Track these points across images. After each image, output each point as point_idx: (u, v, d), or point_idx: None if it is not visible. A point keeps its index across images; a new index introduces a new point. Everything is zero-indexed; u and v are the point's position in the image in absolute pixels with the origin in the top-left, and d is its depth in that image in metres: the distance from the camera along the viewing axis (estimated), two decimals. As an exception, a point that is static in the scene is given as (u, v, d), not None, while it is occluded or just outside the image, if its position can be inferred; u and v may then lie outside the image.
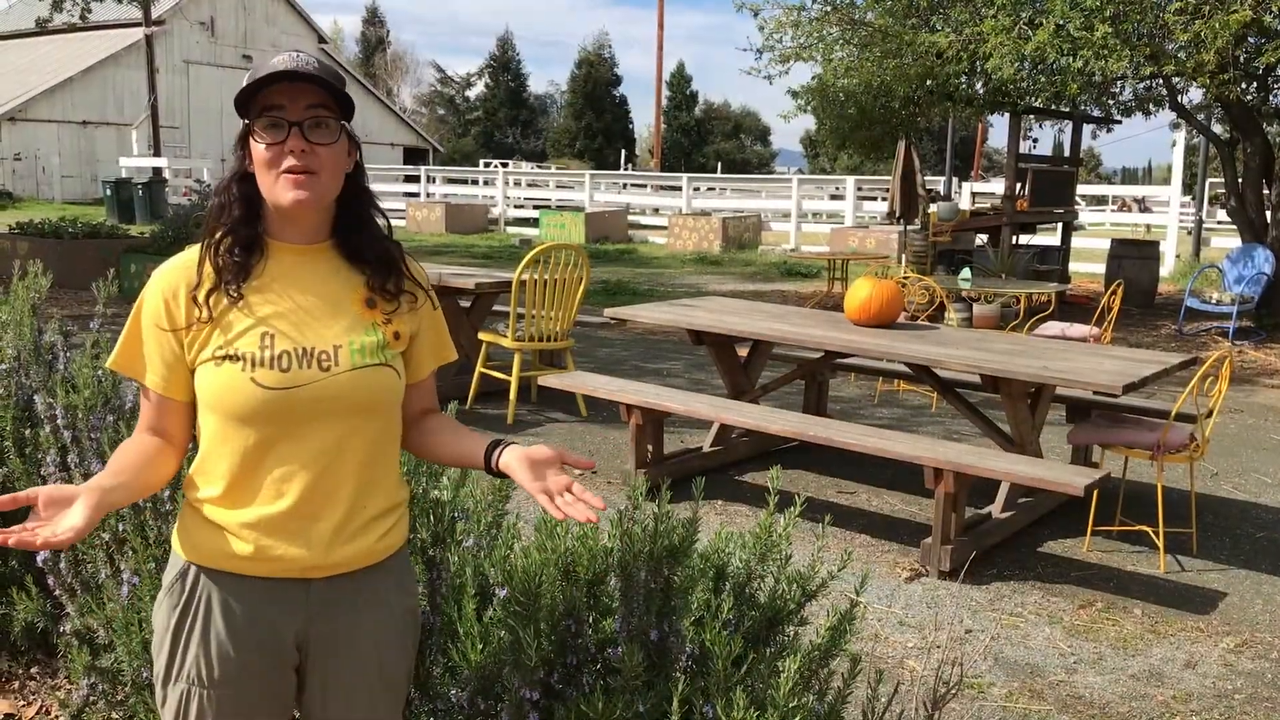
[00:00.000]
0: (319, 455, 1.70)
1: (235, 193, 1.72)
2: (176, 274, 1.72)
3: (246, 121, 1.68)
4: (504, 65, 67.30)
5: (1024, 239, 13.72)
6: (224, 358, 1.67)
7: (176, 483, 1.97)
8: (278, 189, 1.67)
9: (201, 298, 1.69)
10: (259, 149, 1.67)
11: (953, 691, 2.55)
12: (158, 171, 24.23)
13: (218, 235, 1.71)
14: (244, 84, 1.66)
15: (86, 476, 2.79)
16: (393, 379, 1.77)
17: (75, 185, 32.69)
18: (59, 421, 2.94)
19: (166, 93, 31.85)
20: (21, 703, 3.18)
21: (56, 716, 3.08)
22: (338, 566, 1.73)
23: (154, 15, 24.37)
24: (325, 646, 1.75)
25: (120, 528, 2.67)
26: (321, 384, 1.69)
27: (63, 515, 1.50)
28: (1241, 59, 10.22)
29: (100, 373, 3.02)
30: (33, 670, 3.30)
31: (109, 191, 23.48)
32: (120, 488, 1.63)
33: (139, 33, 27.43)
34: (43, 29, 19.66)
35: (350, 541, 1.73)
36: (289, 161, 1.65)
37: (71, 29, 26.88)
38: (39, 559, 2.84)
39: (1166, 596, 4.45)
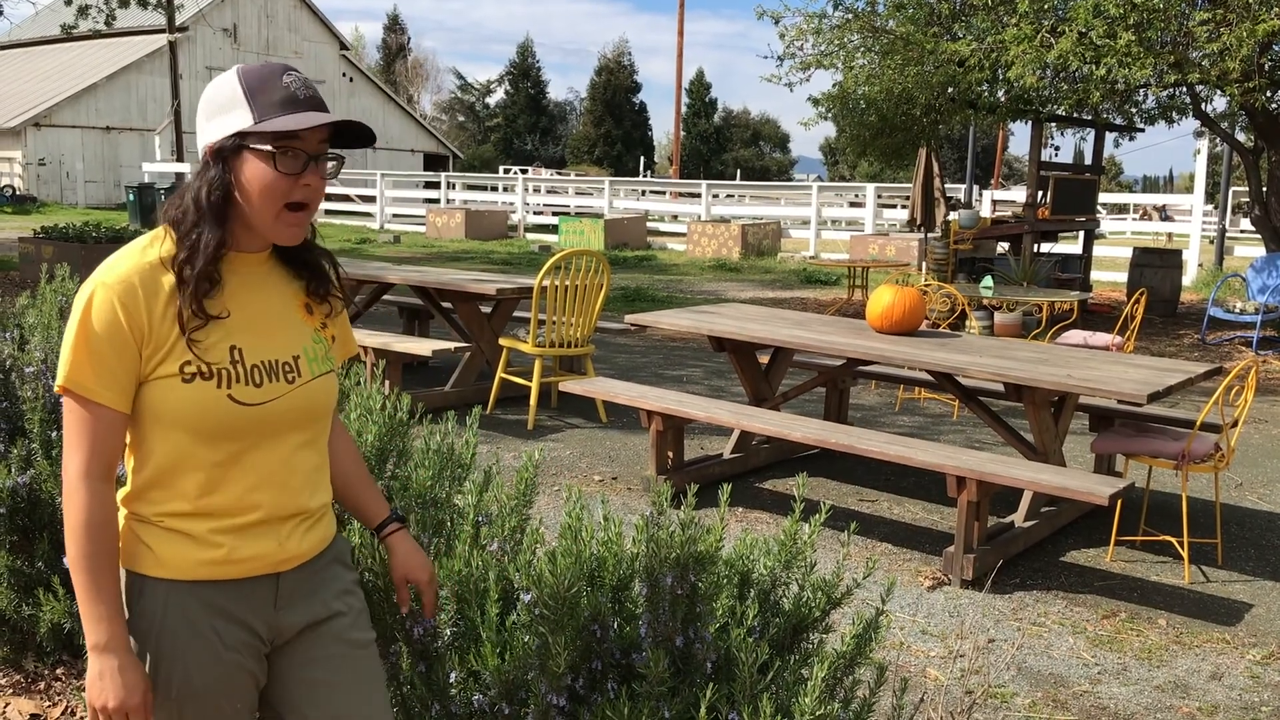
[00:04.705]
0: (285, 461, 1.73)
1: (211, 201, 1.64)
2: (131, 280, 1.62)
3: (268, 147, 1.61)
4: (524, 72, 67.57)
5: (1045, 247, 13.66)
6: (194, 374, 1.63)
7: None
8: (279, 223, 1.65)
9: (165, 307, 1.62)
10: (267, 174, 1.61)
11: (977, 701, 2.54)
12: (180, 177, 24.33)
13: (188, 247, 1.64)
14: (255, 104, 1.60)
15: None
16: (336, 383, 1.85)
17: (98, 190, 32.97)
18: (86, 424, 2.95)
19: (189, 98, 32.02)
20: (47, 703, 3.20)
21: (81, 717, 3.10)
22: (302, 556, 1.79)
23: (178, 22, 24.55)
24: (295, 627, 1.79)
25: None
26: (289, 396, 1.72)
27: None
28: (1267, 67, 10.16)
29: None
30: (58, 671, 3.33)
31: (132, 196, 23.67)
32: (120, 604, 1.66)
33: (163, 39, 27.67)
34: (68, 35, 19.85)
35: (310, 533, 1.80)
36: (298, 195, 1.64)
37: (96, 35, 27.11)
38: (65, 560, 2.85)
39: (1191, 607, 4.41)
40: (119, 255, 1.66)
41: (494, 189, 30.82)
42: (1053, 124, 13.28)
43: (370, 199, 27.40)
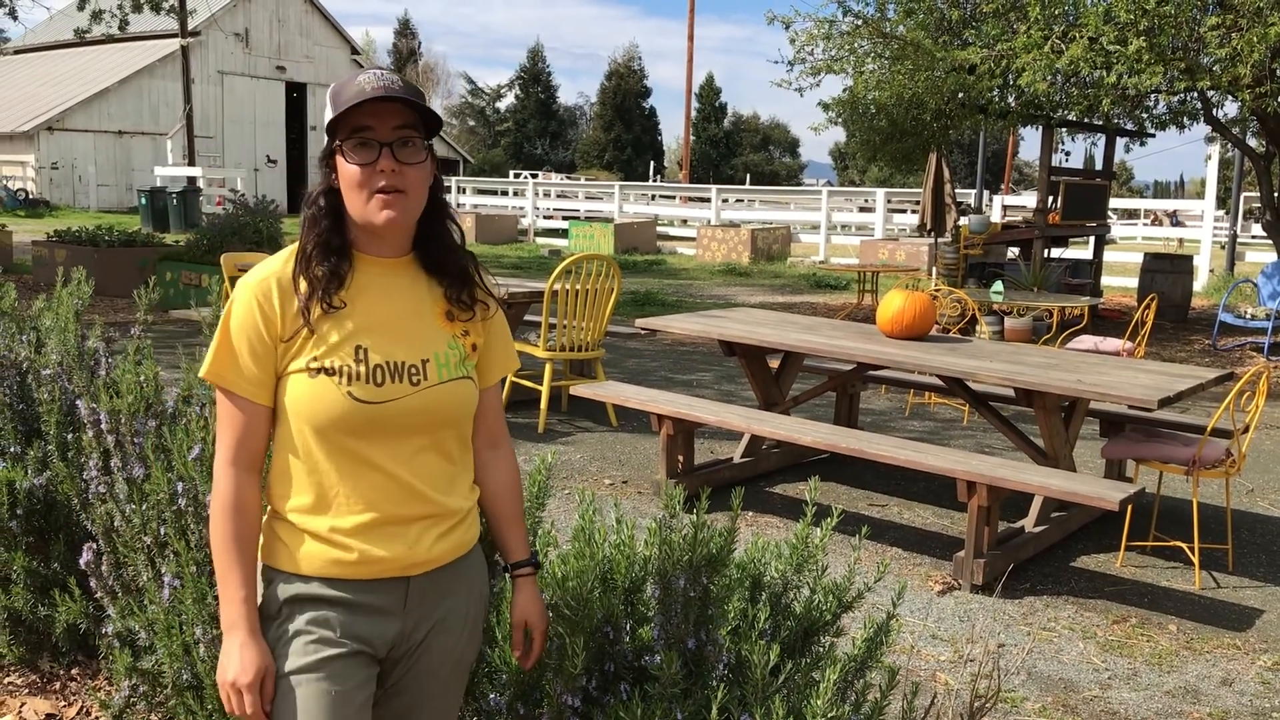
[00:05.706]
0: (407, 462, 1.75)
1: (323, 206, 1.75)
2: (270, 282, 1.74)
3: (337, 141, 1.71)
4: (534, 77, 67.64)
5: (1056, 252, 13.64)
6: (319, 370, 1.71)
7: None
8: (370, 209, 1.70)
9: (300, 307, 1.72)
10: (349, 169, 1.70)
11: (987, 705, 2.55)
12: (192, 181, 24.46)
13: (311, 247, 1.74)
14: (333, 106, 1.70)
15: (129, 481, 2.82)
16: (472, 390, 1.84)
17: (110, 194, 33.07)
18: (102, 426, 2.97)
19: (201, 103, 32.20)
20: (63, 703, 3.22)
21: (97, 717, 3.12)
22: (433, 562, 1.79)
23: (190, 27, 24.68)
24: (421, 631, 1.81)
25: (162, 531, 2.71)
26: (411, 398, 1.74)
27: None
28: (1278, 72, 10.13)
29: (142, 378, 3.06)
30: (74, 671, 3.35)
31: (144, 200, 23.74)
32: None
33: (175, 44, 27.79)
34: (81, 39, 19.94)
35: (442, 539, 1.80)
36: (380, 181, 1.69)
37: (109, 40, 27.22)
38: (81, 561, 2.88)
39: (1202, 613, 4.41)
40: (269, 259, 1.79)
41: (504, 193, 30.88)
42: (1063, 129, 13.27)
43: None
